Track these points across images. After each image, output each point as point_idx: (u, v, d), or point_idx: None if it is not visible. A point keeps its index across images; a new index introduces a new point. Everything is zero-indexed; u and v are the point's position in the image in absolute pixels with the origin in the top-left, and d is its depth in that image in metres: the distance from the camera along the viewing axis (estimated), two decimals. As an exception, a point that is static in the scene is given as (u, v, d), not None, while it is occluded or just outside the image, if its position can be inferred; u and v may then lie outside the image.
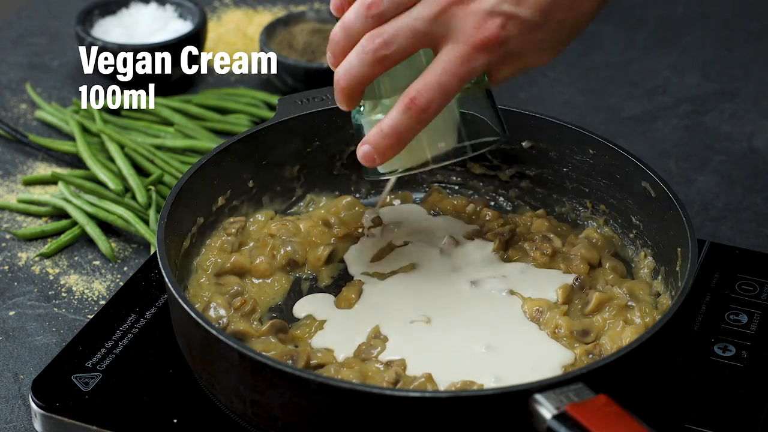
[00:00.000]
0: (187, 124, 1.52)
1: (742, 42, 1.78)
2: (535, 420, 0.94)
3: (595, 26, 1.70)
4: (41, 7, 1.82)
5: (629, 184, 1.21)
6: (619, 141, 1.23)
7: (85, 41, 1.57)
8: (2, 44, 1.73)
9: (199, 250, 1.20)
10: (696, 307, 1.21)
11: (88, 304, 1.27)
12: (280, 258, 1.20)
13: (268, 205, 1.27)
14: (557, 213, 1.29)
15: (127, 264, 1.33)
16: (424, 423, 0.96)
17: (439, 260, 1.20)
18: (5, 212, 1.40)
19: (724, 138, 1.57)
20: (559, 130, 1.25)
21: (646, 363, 1.03)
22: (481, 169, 1.31)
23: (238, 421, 1.05)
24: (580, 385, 0.95)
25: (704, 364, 1.15)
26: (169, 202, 1.13)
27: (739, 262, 1.27)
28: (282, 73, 1.57)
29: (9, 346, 1.22)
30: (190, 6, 1.64)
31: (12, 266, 1.32)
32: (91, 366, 1.12)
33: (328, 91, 1.28)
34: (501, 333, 1.11)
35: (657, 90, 1.67)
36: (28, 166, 1.48)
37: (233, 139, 1.23)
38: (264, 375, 0.98)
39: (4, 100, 1.60)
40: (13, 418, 1.14)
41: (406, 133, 1.04)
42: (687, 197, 1.45)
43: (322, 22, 1.65)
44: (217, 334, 0.99)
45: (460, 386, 1.04)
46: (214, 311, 1.12)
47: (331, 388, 0.96)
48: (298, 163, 1.28)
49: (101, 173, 1.41)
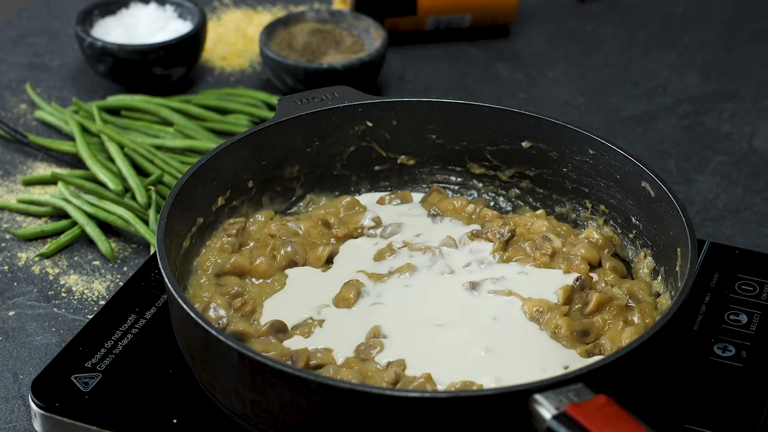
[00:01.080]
0: (187, 124, 1.52)
1: (742, 42, 1.78)
2: (535, 420, 0.94)
3: (595, 26, 1.70)
4: (41, 7, 1.82)
5: (629, 184, 1.21)
6: (619, 141, 1.24)
7: (85, 41, 1.57)
8: (2, 44, 1.73)
9: (199, 250, 1.20)
10: (696, 307, 1.21)
11: (88, 304, 1.27)
12: (280, 258, 1.20)
13: (268, 206, 1.27)
14: (557, 213, 1.29)
15: (126, 264, 1.33)
16: (423, 423, 0.96)
17: (439, 260, 1.20)
18: (5, 212, 1.40)
19: (724, 138, 1.57)
20: (559, 130, 1.25)
21: (646, 363, 1.03)
22: (481, 169, 1.31)
23: (238, 421, 1.05)
24: (580, 385, 0.95)
25: (704, 364, 1.15)
26: (169, 202, 1.13)
27: (739, 262, 1.27)
28: (282, 73, 1.57)
29: (9, 346, 1.22)
30: (190, 6, 1.64)
31: (12, 266, 1.32)
32: (91, 366, 1.12)
33: (328, 91, 1.28)
34: (500, 333, 1.11)
35: (657, 90, 1.67)
36: (28, 166, 1.48)
37: (233, 139, 1.23)
38: (264, 375, 0.98)
39: (4, 100, 1.60)
40: (12, 418, 1.14)
41: None
42: (687, 197, 1.45)
43: (322, 22, 1.66)
44: (217, 335, 0.99)
45: (460, 386, 1.04)
46: (214, 311, 1.12)
47: (331, 388, 0.96)
48: (298, 163, 1.28)
49: (101, 173, 1.41)
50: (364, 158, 1.31)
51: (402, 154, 1.32)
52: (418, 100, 1.29)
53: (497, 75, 1.70)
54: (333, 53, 1.61)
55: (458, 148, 1.30)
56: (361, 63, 1.56)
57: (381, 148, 1.31)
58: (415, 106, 1.29)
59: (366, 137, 1.30)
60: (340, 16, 1.66)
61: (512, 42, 1.77)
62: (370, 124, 1.29)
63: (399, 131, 1.30)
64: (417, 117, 1.29)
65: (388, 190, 1.32)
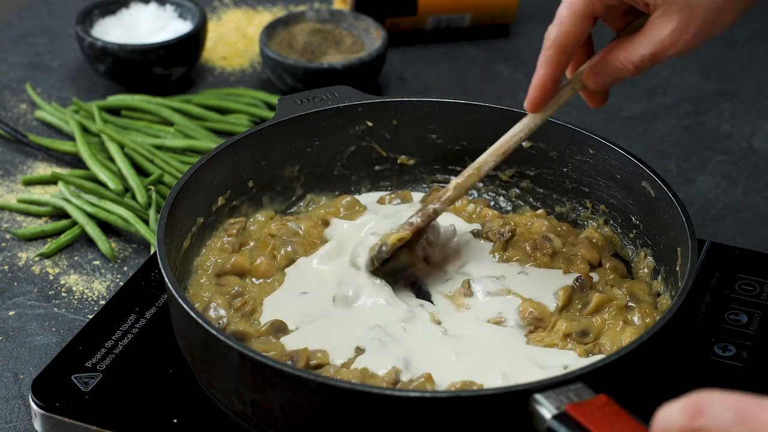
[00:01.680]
0: (187, 124, 1.52)
1: (742, 42, 1.78)
2: (535, 420, 0.94)
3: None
4: (41, 7, 1.82)
5: (629, 184, 1.21)
6: (619, 141, 1.23)
7: (85, 41, 1.57)
8: (2, 44, 1.73)
9: (199, 250, 1.20)
10: (696, 307, 1.21)
11: (88, 304, 1.27)
12: (280, 258, 1.20)
13: (268, 205, 1.27)
14: (557, 213, 1.29)
15: (127, 264, 1.33)
16: (424, 423, 0.96)
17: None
18: (5, 212, 1.40)
19: (724, 138, 1.57)
20: (559, 130, 1.25)
21: (646, 363, 1.03)
22: (481, 169, 1.31)
23: (238, 421, 1.05)
24: (580, 385, 0.95)
25: (704, 364, 1.15)
26: (169, 202, 1.13)
27: (739, 262, 1.27)
28: (282, 73, 1.57)
29: (9, 346, 1.22)
30: (190, 6, 1.64)
31: (12, 266, 1.32)
32: (91, 366, 1.12)
33: (328, 91, 1.29)
34: (500, 333, 1.11)
35: (657, 90, 1.67)
36: (28, 166, 1.48)
37: (233, 139, 1.23)
38: (264, 375, 0.98)
39: (4, 100, 1.60)
40: (13, 418, 1.14)
41: (542, 65, 1.09)
42: (687, 197, 1.44)
43: (322, 21, 1.66)
44: (217, 334, 0.99)
45: (460, 386, 1.04)
46: (214, 311, 1.12)
47: (331, 388, 0.96)
48: (298, 163, 1.28)
49: (101, 173, 1.41)
50: (364, 158, 1.31)
51: (402, 154, 1.32)
52: (418, 100, 1.29)
53: (497, 75, 1.70)
54: (333, 53, 1.61)
55: (458, 148, 1.30)
56: (361, 63, 1.56)
57: (381, 147, 1.31)
58: (415, 106, 1.29)
59: (366, 137, 1.30)
60: (341, 16, 1.66)
61: (512, 42, 1.77)
62: (370, 123, 1.29)
63: (399, 131, 1.30)
64: (417, 117, 1.29)
65: (388, 189, 1.32)
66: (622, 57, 1.06)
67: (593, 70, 1.08)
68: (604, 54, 1.08)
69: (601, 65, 1.08)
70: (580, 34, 1.07)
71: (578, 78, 1.10)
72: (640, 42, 1.05)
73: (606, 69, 1.07)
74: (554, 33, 1.07)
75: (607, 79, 1.08)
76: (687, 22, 1.02)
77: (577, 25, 1.06)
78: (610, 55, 1.07)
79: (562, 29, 1.06)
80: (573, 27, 1.06)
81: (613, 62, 1.06)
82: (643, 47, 1.04)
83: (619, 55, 1.06)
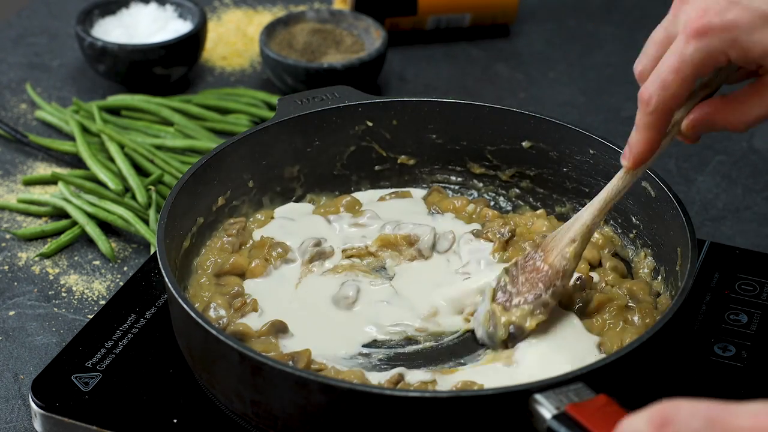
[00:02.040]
0: (187, 124, 1.52)
1: (742, 42, 1.77)
2: (535, 420, 0.94)
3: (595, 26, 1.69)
4: (41, 7, 1.82)
5: (629, 184, 1.21)
6: (619, 141, 1.23)
7: (85, 41, 1.57)
8: (2, 44, 1.73)
9: (199, 250, 1.20)
10: (696, 307, 1.21)
11: (88, 304, 1.27)
12: (277, 258, 1.19)
13: (268, 205, 1.27)
14: (557, 213, 1.29)
15: (127, 264, 1.33)
16: (424, 423, 0.96)
17: (438, 260, 1.20)
18: (5, 212, 1.40)
19: (724, 138, 1.57)
20: (559, 130, 1.25)
21: (646, 363, 1.03)
22: (482, 169, 1.31)
23: (238, 421, 1.05)
24: (580, 385, 0.95)
25: (704, 364, 1.15)
26: (169, 202, 1.13)
27: (739, 262, 1.27)
28: (282, 73, 1.57)
29: (9, 346, 1.22)
30: (190, 6, 1.64)
31: (12, 266, 1.32)
32: (91, 366, 1.12)
33: (328, 91, 1.28)
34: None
35: (657, 90, 1.66)
36: (28, 166, 1.48)
37: (233, 139, 1.23)
38: (264, 375, 0.98)
39: (4, 100, 1.60)
40: (13, 418, 1.13)
41: (644, 129, 1.02)
42: (687, 197, 1.44)
43: (322, 22, 1.66)
44: (217, 334, 0.99)
45: (460, 386, 1.04)
46: (214, 311, 1.12)
47: (331, 388, 0.96)
48: (298, 163, 1.28)
49: (101, 173, 1.41)
50: (364, 158, 1.31)
51: (402, 154, 1.32)
52: (418, 100, 1.29)
53: (497, 75, 1.70)
54: (333, 53, 1.61)
55: (458, 148, 1.30)
56: (361, 63, 1.56)
57: (381, 147, 1.31)
58: (415, 106, 1.29)
59: (366, 137, 1.30)
60: (341, 16, 1.66)
61: (512, 42, 1.77)
62: (370, 123, 1.29)
63: (399, 131, 1.30)
64: (417, 117, 1.29)
65: (389, 189, 1.32)
66: (733, 118, 1.01)
67: (696, 127, 1.03)
68: (709, 113, 1.02)
69: (705, 123, 1.03)
70: (684, 96, 1.01)
71: (676, 128, 1.05)
72: (755, 103, 1.00)
73: (711, 126, 1.03)
74: (659, 98, 1.00)
75: (707, 132, 1.04)
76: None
77: (684, 88, 1.00)
78: (718, 115, 1.02)
79: (668, 93, 1.00)
80: (680, 90, 1.00)
81: (721, 121, 1.02)
82: (759, 108, 1.00)
83: (729, 117, 1.01)
